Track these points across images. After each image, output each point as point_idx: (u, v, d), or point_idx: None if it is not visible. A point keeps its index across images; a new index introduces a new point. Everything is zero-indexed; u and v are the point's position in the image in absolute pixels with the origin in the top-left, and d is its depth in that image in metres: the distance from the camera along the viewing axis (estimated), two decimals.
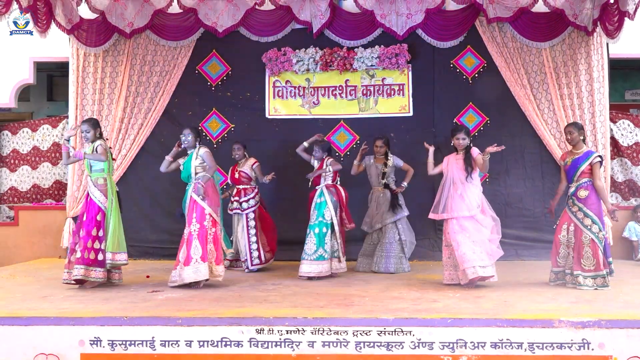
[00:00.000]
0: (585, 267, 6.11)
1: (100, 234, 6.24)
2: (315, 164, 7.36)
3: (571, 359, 4.51)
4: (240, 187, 7.68)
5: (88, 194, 6.38)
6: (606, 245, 6.35)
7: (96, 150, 6.30)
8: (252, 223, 7.61)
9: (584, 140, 6.40)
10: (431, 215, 6.50)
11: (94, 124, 6.45)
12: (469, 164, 6.32)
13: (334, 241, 7.01)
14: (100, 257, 6.19)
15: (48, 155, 9.37)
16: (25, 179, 9.39)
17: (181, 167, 6.64)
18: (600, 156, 6.29)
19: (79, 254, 6.14)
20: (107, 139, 6.68)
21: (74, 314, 4.90)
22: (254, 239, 7.57)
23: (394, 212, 7.49)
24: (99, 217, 6.26)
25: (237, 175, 7.72)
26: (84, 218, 6.31)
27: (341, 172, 7.34)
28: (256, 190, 7.76)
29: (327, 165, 7.15)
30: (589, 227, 6.14)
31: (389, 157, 7.63)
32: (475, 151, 6.36)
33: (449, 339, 4.57)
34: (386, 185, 7.61)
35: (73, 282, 6.19)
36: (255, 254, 7.54)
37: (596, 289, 6.03)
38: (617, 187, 9.04)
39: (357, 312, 4.94)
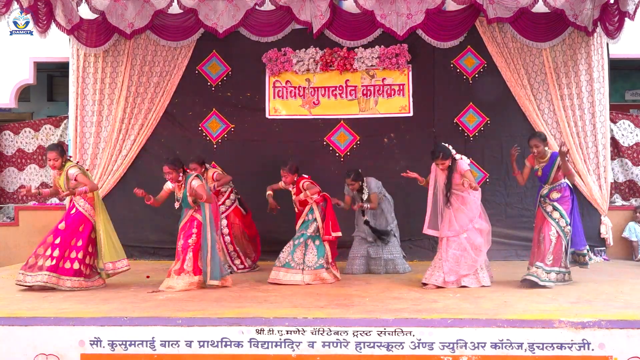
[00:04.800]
0: (547, 262, 6.22)
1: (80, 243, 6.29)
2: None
3: (571, 359, 4.51)
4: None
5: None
6: (577, 235, 6.45)
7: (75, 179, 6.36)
8: (225, 230, 7.57)
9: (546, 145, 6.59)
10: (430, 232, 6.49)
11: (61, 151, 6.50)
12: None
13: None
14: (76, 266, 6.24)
15: None
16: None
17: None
18: (560, 151, 6.37)
19: (53, 262, 6.14)
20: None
21: (74, 314, 4.90)
22: (230, 247, 7.58)
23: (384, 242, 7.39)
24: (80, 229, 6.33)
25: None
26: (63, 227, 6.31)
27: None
28: (226, 194, 7.70)
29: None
30: (557, 220, 6.30)
31: (363, 191, 7.38)
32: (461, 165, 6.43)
33: (449, 339, 4.57)
34: (366, 222, 7.39)
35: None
36: (237, 261, 7.58)
37: (554, 284, 6.14)
38: (617, 187, 9.03)
39: (357, 312, 4.94)
